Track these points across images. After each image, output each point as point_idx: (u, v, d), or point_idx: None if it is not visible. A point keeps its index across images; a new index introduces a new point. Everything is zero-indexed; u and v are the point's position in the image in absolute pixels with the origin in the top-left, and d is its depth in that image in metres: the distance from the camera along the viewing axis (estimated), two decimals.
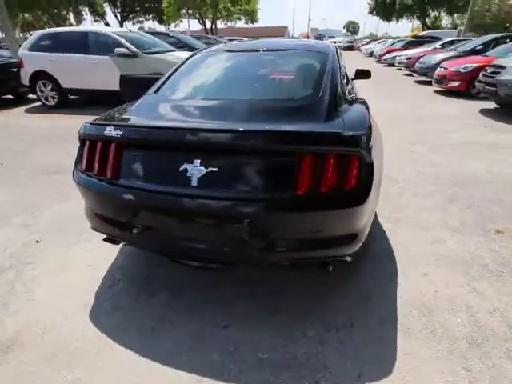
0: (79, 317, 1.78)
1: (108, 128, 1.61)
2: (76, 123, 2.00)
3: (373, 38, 43.43)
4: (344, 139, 1.44)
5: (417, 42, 19.26)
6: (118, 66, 6.21)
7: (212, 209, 1.48)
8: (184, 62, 2.50)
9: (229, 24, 31.83)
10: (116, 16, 34.82)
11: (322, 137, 1.45)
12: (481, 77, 6.42)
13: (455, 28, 49.07)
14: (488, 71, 6.17)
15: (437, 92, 8.73)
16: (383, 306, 1.81)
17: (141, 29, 30.31)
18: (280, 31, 56.77)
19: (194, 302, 1.87)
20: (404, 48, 18.17)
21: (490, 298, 1.84)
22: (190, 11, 28.22)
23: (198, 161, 1.49)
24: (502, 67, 5.74)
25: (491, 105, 6.54)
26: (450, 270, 2.07)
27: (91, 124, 1.72)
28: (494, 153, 4.14)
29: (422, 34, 27.39)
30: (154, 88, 2.20)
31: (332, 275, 1.87)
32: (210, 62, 2.53)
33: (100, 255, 2.28)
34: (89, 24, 33.39)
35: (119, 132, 1.57)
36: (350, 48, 40.22)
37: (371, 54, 24.18)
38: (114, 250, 2.31)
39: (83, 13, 32.40)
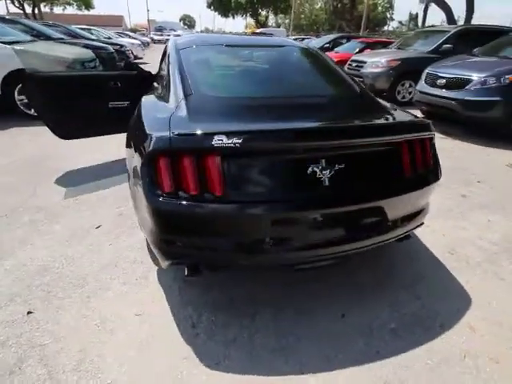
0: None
1: (217, 137, 1.36)
2: None
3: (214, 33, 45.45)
4: (424, 125, 1.72)
5: None
6: None
7: (348, 204, 1.52)
8: (179, 58, 2.20)
9: (56, 9, 26.90)
10: None
11: (414, 125, 1.69)
12: (347, 70, 7.92)
13: (278, 27, 57.04)
14: (353, 65, 7.67)
15: None
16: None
17: None
18: (116, 20, 51.95)
19: (300, 308, 1.83)
20: None
21: None
22: None
23: (324, 160, 1.48)
24: (364, 62, 7.27)
25: None
26: None
27: (185, 135, 1.40)
28: None
29: (258, 31, 31.04)
30: (180, 87, 1.86)
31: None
32: (217, 57, 2.32)
33: (139, 300, 1.87)
34: None
35: (237, 140, 1.36)
36: None
37: None
38: (147, 292, 1.94)
39: None
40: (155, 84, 2.63)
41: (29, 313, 1.74)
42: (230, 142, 1.35)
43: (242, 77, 2.17)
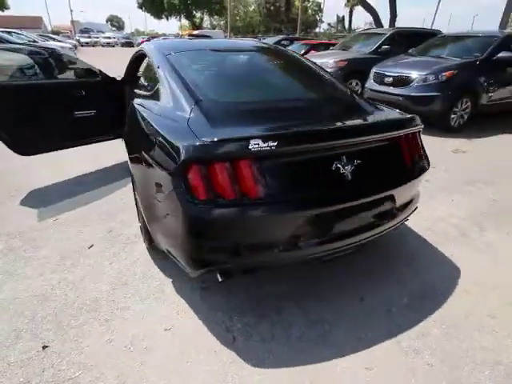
0: None
1: (254, 142, 1.38)
2: None
3: (152, 36, 43.75)
4: (416, 120, 1.94)
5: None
6: None
7: (368, 195, 1.65)
8: (171, 64, 2.15)
9: None
10: None
11: (411, 120, 1.89)
12: None
13: (214, 28, 57.05)
14: None
15: None
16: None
17: None
18: (35, 22, 47.16)
19: (321, 297, 1.93)
20: None
21: None
22: None
23: (344, 157, 1.60)
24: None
25: None
26: None
27: (220, 142, 1.40)
28: None
29: (195, 32, 30.73)
30: (186, 93, 1.83)
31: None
32: (209, 62, 2.31)
33: (163, 314, 1.81)
34: None
35: (272, 143, 1.40)
36: (130, 44, 38.94)
37: None
38: (169, 305, 1.91)
39: None
40: (142, 91, 2.51)
41: (44, 347, 1.58)
42: (265, 145, 1.40)
43: (242, 81, 2.19)
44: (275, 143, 1.41)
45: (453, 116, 5.12)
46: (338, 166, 1.58)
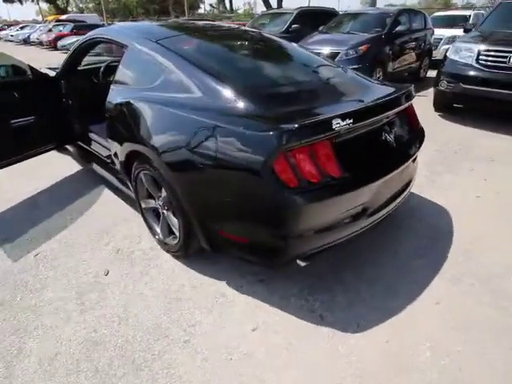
0: None
1: (335, 121, 1.39)
2: None
3: (8, 24, 35.89)
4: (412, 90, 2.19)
5: (83, 25, 18.78)
6: None
7: (408, 158, 1.85)
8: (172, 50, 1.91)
9: None
10: None
11: (412, 91, 2.12)
12: None
13: (82, 12, 50.26)
14: None
15: None
16: None
17: None
18: None
19: (363, 258, 2.09)
20: (75, 32, 17.23)
21: None
22: None
23: (387, 127, 1.75)
24: None
25: None
26: None
27: (306, 125, 1.36)
28: None
29: (63, 17, 26.72)
30: (211, 80, 1.67)
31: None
32: (206, 47, 2.10)
33: (240, 319, 1.73)
34: None
35: (349, 121, 1.43)
36: None
37: (26, 41, 21.19)
38: (242, 310, 1.83)
39: None
40: (133, 86, 2.12)
41: None
42: (344, 123, 1.43)
43: (257, 65, 2.08)
44: (351, 120, 1.46)
45: None
46: (386, 135, 1.72)
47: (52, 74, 3.01)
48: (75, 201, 2.76)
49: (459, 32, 8.74)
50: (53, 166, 3.36)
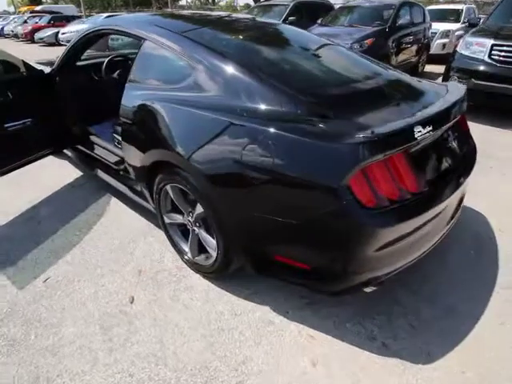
0: None
1: (416, 129, 1.20)
2: None
3: None
4: None
5: (61, 17, 17.93)
6: None
7: (470, 167, 1.68)
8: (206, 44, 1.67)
9: None
10: None
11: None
12: None
13: (56, 3, 48.12)
14: None
15: None
16: None
17: None
18: None
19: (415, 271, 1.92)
20: (52, 24, 16.38)
21: None
22: None
23: (450, 132, 1.58)
24: None
25: None
26: None
27: (388, 134, 1.16)
28: None
29: (39, 8, 25.66)
30: (259, 84, 1.44)
31: None
32: (238, 43, 1.84)
33: (300, 353, 1.53)
34: None
35: (429, 128, 1.24)
36: None
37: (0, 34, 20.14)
38: (294, 341, 1.63)
39: None
40: (160, 85, 1.83)
41: None
42: (425, 131, 1.24)
43: (302, 65, 1.83)
44: (431, 127, 1.27)
45: None
46: (450, 140, 1.55)
47: (47, 69, 2.68)
48: (80, 213, 2.47)
49: (453, 26, 8.91)
50: (50, 173, 3.04)
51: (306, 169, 1.22)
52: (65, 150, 2.95)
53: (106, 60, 2.72)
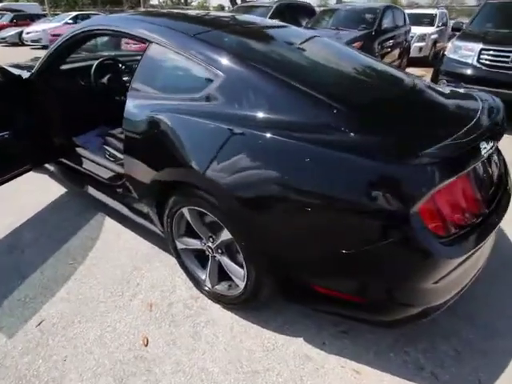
0: None
1: (483, 145, 1.08)
2: None
3: None
4: None
5: (24, 15, 16.87)
6: None
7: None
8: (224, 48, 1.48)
9: None
10: None
11: None
12: None
13: (17, 0, 45.56)
14: None
15: None
16: None
17: None
18: None
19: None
20: (15, 23, 15.37)
21: None
22: None
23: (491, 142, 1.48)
24: None
25: None
26: None
27: (460, 155, 1.03)
28: None
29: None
30: (296, 93, 1.26)
31: None
32: (250, 44, 1.66)
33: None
34: None
35: (492, 142, 1.13)
36: None
37: None
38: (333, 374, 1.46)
39: None
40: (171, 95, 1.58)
41: None
42: (489, 146, 1.12)
43: (333, 72, 1.68)
44: (493, 142, 1.16)
45: None
46: (493, 153, 1.44)
47: (25, 74, 2.37)
48: (72, 236, 2.19)
49: (428, 30, 9.19)
50: (28, 190, 2.71)
51: (365, 193, 1.07)
52: (46, 164, 2.64)
53: (96, 63, 2.44)
